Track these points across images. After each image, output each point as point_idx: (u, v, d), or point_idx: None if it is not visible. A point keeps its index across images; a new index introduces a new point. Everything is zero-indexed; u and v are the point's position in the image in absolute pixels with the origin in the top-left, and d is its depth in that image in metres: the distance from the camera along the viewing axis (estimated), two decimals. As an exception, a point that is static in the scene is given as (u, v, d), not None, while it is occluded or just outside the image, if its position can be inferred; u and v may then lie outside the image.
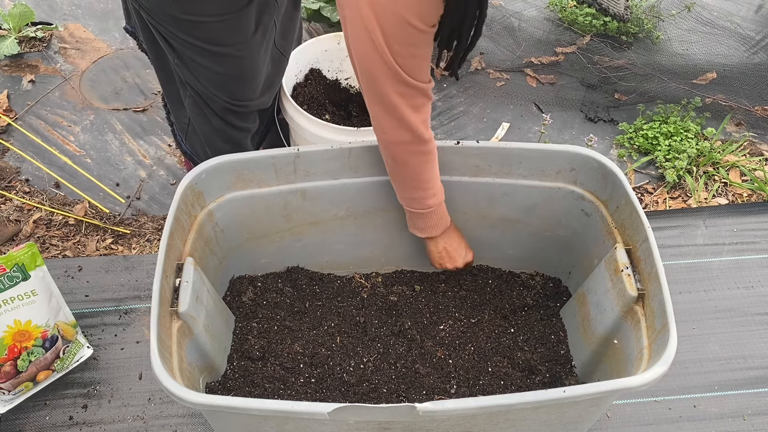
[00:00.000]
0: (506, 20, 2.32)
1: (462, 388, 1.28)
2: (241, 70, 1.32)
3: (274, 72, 1.45)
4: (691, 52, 2.21)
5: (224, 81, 1.32)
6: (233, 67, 1.31)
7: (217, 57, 1.27)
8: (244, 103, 1.39)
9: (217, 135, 1.45)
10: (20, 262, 1.25)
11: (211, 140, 1.46)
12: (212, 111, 1.40)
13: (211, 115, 1.41)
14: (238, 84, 1.35)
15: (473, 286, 1.48)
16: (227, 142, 1.46)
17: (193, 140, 1.50)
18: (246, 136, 1.48)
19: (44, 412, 1.35)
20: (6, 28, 2.17)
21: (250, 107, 1.41)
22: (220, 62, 1.28)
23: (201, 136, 1.47)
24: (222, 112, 1.40)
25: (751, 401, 1.42)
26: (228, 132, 1.45)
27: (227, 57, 1.28)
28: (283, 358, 1.31)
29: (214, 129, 1.44)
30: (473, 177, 1.33)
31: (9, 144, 1.87)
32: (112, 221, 1.72)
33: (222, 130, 1.44)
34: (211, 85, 1.33)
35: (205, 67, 1.29)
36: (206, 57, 1.27)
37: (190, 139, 1.51)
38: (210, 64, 1.29)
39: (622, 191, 1.21)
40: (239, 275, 1.45)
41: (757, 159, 1.95)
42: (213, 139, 1.46)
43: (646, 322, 1.11)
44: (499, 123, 2.05)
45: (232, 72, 1.32)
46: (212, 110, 1.40)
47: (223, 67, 1.30)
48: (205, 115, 1.41)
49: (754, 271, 1.65)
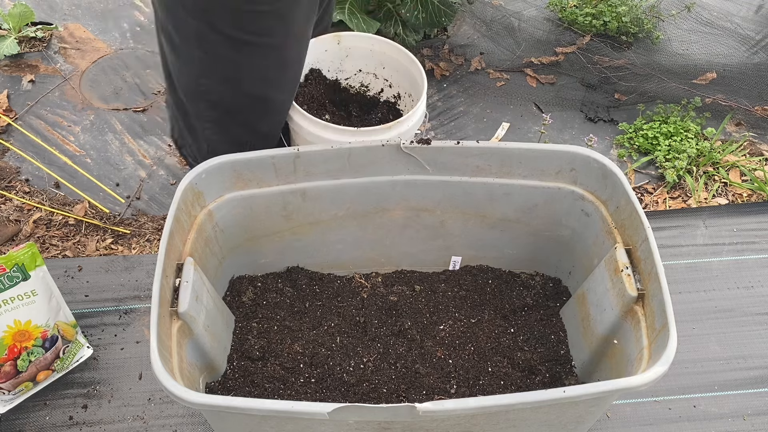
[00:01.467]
0: (506, 20, 2.32)
1: (462, 388, 1.28)
2: (284, 60, 1.33)
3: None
4: (691, 52, 2.21)
5: (265, 74, 1.32)
6: (276, 58, 1.31)
7: (260, 50, 1.28)
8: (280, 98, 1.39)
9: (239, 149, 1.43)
10: (20, 262, 1.25)
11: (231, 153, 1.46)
12: (238, 129, 1.39)
13: (237, 132, 1.40)
14: (278, 77, 1.35)
15: (473, 286, 1.48)
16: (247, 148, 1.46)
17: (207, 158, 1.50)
18: (269, 142, 1.47)
19: (44, 412, 1.35)
20: (6, 28, 2.17)
21: (279, 104, 1.41)
22: (262, 54, 1.29)
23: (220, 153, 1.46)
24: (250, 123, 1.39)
25: (751, 401, 1.42)
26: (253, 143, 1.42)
27: (271, 47, 1.29)
28: (283, 358, 1.31)
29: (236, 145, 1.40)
30: (473, 177, 1.33)
31: (9, 144, 1.87)
32: (112, 221, 1.72)
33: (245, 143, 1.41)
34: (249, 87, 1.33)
35: (245, 66, 1.29)
36: (248, 53, 1.27)
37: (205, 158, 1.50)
38: (252, 61, 1.29)
39: (622, 191, 1.22)
40: (239, 275, 1.45)
41: (757, 159, 1.95)
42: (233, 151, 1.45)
43: (646, 322, 1.11)
44: (499, 123, 2.05)
45: (274, 63, 1.32)
46: (238, 127, 1.39)
47: (265, 59, 1.30)
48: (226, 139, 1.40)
49: (754, 271, 1.65)
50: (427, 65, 2.20)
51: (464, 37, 2.31)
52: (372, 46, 1.65)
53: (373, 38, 1.64)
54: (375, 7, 2.16)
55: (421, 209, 1.39)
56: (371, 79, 1.71)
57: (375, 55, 1.66)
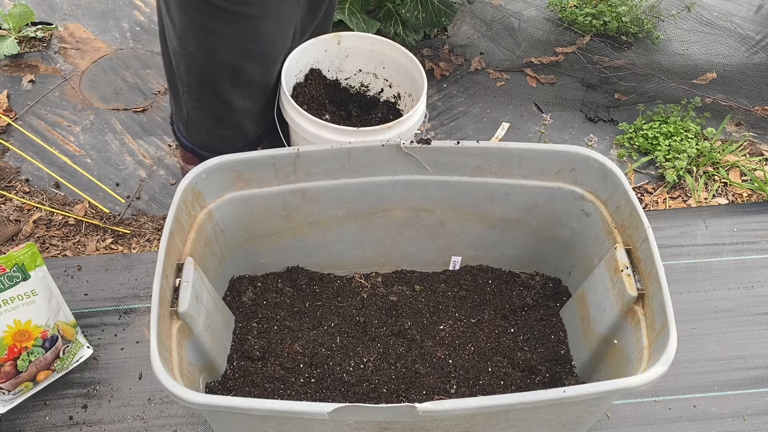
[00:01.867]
0: (506, 20, 2.32)
1: (462, 388, 1.28)
2: (257, 33, 1.34)
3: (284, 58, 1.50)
4: (691, 52, 2.21)
5: (238, 44, 1.34)
6: (250, 29, 1.33)
7: (235, 18, 1.29)
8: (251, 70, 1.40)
9: (217, 123, 1.47)
10: (20, 262, 1.25)
11: (212, 129, 1.49)
12: (211, 98, 1.42)
13: (210, 102, 1.42)
14: (251, 48, 1.36)
15: (473, 286, 1.48)
16: (226, 127, 1.48)
17: (193, 133, 1.52)
18: (245, 118, 1.50)
19: (44, 412, 1.35)
20: (6, 28, 2.17)
21: (250, 76, 1.42)
22: (237, 23, 1.31)
23: (201, 128, 1.49)
24: (222, 94, 1.41)
25: (751, 401, 1.42)
26: (228, 117, 1.47)
27: (246, 18, 1.30)
28: (283, 358, 1.31)
29: (213, 117, 1.46)
30: (473, 177, 1.33)
31: (9, 144, 1.87)
32: (112, 221, 1.72)
33: (221, 117, 1.46)
34: (223, 54, 1.35)
35: (219, 34, 1.31)
36: (223, 21, 1.29)
37: (191, 132, 1.53)
38: (225, 29, 1.31)
39: (622, 191, 1.22)
40: (239, 275, 1.45)
41: (757, 159, 1.95)
42: (213, 128, 1.48)
43: (646, 322, 1.11)
44: (499, 123, 2.05)
45: (248, 35, 1.34)
46: (211, 96, 1.41)
47: (239, 29, 1.32)
48: (202, 107, 1.43)
49: (754, 271, 1.65)
50: (427, 65, 2.20)
51: (464, 37, 2.31)
52: (372, 46, 1.65)
53: (373, 38, 1.64)
54: (375, 7, 2.16)
55: (421, 209, 1.39)
56: (371, 79, 1.71)
57: (375, 55, 1.66)
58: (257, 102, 1.50)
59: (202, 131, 1.51)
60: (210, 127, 1.49)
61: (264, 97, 1.51)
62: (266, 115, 1.56)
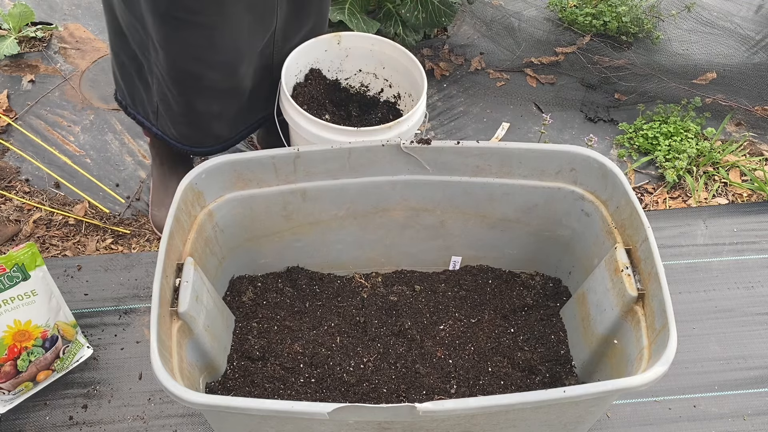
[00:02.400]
0: (506, 20, 2.32)
1: (462, 388, 1.28)
2: (214, 42, 1.33)
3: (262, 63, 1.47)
4: (691, 52, 2.21)
5: (195, 53, 1.33)
6: (206, 38, 1.32)
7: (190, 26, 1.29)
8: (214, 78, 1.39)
9: (181, 119, 1.46)
10: (20, 262, 1.25)
11: (177, 125, 1.48)
12: (177, 98, 1.41)
13: (176, 102, 1.42)
14: (210, 57, 1.35)
15: (473, 286, 1.48)
16: (191, 127, 1.47)
17: (162, 122, 1.51)
18: (212, 121, 1.49)
19: (44, 412, 1.35)
20: (6, 28, 2.17)
21: (214, 83, 1.41)
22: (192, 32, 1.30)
23: (168, 120, 1.48)
24: (187, 96, 1.41)
25: (751, 401, 1.42)
26: (193, 119, 1.46)
27: (201, 26, 1.29)
28: (283, 358, 1.31)
29: (176, 113, 1.45)
30: (473, 177, 1.33)
31: (9, 144, 1.87)
32: (112, 221, 1.72)
33: (184, 114, 1.45)
34: (182, 61, 1.34)
35: (177, 41, 1.30)
36: (179, 29, 1.28)
37: (160, 122, 1.51)
38: (182, 36, 1.30)
39: (622, 191, 1.22)
40: (239, 275, 1.45)
41: (757, 159, 1.95)
42: (178, 124, 1.48)
43: (646, 322, 1.11)
44: (499, 123, 2.05)
45: (204, 43, 1.32)
46: (177, 97, 1.41)
47: (195, 37, 1.31)
48: (168, 100, 1.43)
49: (754, 271, 1.65)
50: (427, 65, 2.20)
51: (464, 37, 2.31)
52: (372, 46, 1.65)
53: (373, 38, 1.64)
54: (375, 7, 2.16)
55: (421, 209, 1.39)
56: (371, 79, 1.71)
57: (375, 55, 1.66)
58: (228, 107, 1.48)
59: (170, 125, 1.50)
60: (177, 123, 1.48)
61: (235, 103, 1.49)
62: (243, 118, 1.54)
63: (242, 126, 1.57)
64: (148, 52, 1.39)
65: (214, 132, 1.52)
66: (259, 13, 1.37)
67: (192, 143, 1.52)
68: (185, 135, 1.50)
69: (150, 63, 1.41)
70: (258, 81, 1.51)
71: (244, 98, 1.50)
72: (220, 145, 1.56)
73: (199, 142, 1.53)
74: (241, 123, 1.56)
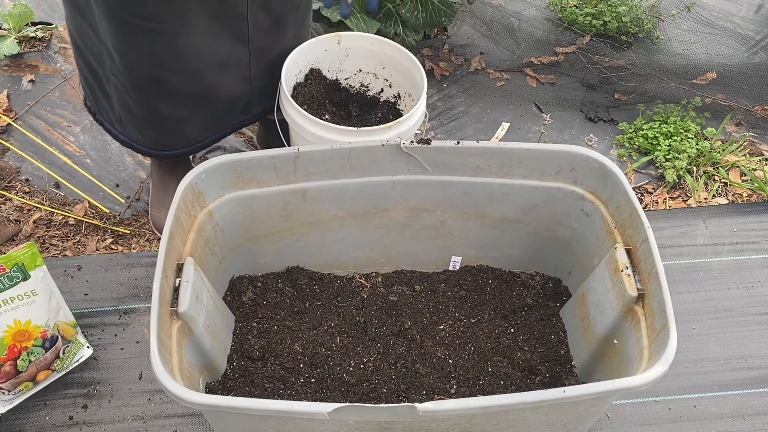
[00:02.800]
0: (506, 20, 2.32)
1: (462, 388, 1.28)
2: (175, 48, 1.32)
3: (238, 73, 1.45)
4: (691, 52, 2.21)
5: (156, 59, 1.32)
6: (167, 45, 1.30)
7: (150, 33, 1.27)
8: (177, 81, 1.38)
9: (146, 124, 1.45)
10: (20, 262, 1.25)
11: (144, 130, 1.46)
12: (139, 103, 1.40)
13: (139, 107, 1.40)
14: (172, 63, 1.34)
15: (473, 286, 1.48)
16: (158, 131, 1.46)
17: (128, 129, 1.50)
18: (182, 126, 1.47)
19: (44, 412, 1.35)
20: (6, 28, 2.17)
21: (178, 87, 1.39)
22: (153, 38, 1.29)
23: (133, 126, 1.46)
24: (150, 100, 1.39)
25: (751, 401, 1.42)
26: (159, 123, 1.44)
27: (161, 34, 1.28)
28: (283, 358, 1.31)
29: (140, 118, 1.43)
30: (473, 177, 1.33)
31: (9, 144, 1.87)
32: (112, 221, 1.72)
33: (148, 118, 1.43)
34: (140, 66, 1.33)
35: (137, 47, 1.29)
36: (138, 35, 1.27)
37: (126, 129, 1.50)
38: (142, 42, 1.28)
39: (622, 191, 1.22)
40: (239, 275, 1.45)
41: (757, 159, 1.95)
42: (145, 129, 1.46)
43: (646, 322, 1.11)
44: (499, 123, 2.05)
45: (165, 50, 1.31)
46: (139, 102, 1.39)
47: (155, 44, 1.30)
48: (131, 109, 1.41)
49: (754, 271, 1.65)
50: (427, 65, 2.20)
51: (464, 37, 2.31)
52: (372, 46, 1.65)
53: (373, 38, 1.64)
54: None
55: (421, 209, 1.39)
56: (371, 79, 1.71)
57: (375, 55, 1.66)
58: (198, 112, 1.46)
59: (135, 130, 1.48)
60: (143, 128, 1.46)
61: (206, 109, 1.46)
62: (217, 123, 1.52)
63: (216, 130, 1.55)
64: (104, 62, 1.37)
65: (185, 135, 1.49)
66: (225, 21, 1.34)
67: (160, 147, 1.50)
68: (153, 139, 1.48)
69: (106, 71, 1.39)
70: (234, 90, 1.48)
71: (217, 105, 1.47)
72: (191, 147, 1.53)
73: (167, 145, 1.50)
74: (215, 127, 1.53)
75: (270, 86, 1.54)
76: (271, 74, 1.52)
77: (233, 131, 1.59)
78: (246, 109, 1.56)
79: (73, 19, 1.38)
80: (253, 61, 1.46)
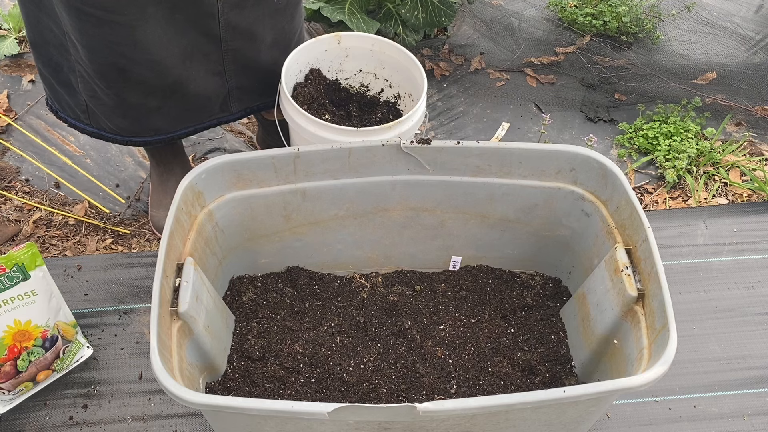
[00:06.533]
0: (506, 20, 2.32)
1: (462, 388, 1.28)
2: (136, 40, 1.30)
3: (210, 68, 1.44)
4: (691, 52, 2.21)
5: (116, 49, 1.31)
6: (127, 36, 1.29)
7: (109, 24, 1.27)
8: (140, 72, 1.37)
9: (115, 111, 1.44)
10: (20, 262, 1.25)
11: (112, 117, 1.45)
12: (105, 90, 1.39)
13: (105, 94, 1.40)
14: (133, 54, 1.33)
15: (473, 286, 1.48)
16: (125, 117, 1.44)
17: (95, 119, 1.49)
18: (149, 113, 1.45)
19: (44, 412, 1.35)
20: (6, 28, 2.17)
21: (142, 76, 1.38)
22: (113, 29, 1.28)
23: (102, 114, 1.46)
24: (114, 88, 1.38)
25: (751, 401, 1.42)
26: (127, 111, 1.43)
27: (121, 25, 1.27)
28: (283, 358, 1.31)
29: (109, 106, 1.42)
30: (473, 177, 1.33)
31: (9, 144, 1.87)
32: (112, 221, 1.72)
33: (117, 106, 1.42)
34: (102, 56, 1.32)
35: (98, 37, 1.29)
36: (98, 26, 1.27)
37: (93, 119, 1.49)
38: (103, 33, 1.28)
39: (622, 191, 1.22)
40: (239, 275, 1.45)
41: (757, 159, 1.95)
42: (113, 117, 1.45)
43: (646, 322, 1.11)
44: (499, 123, 2.05)
45: (126, 41, 1.30)
46: (104, 89, 1.39)
47: (116, 35, 1.29)
48: (98, 97, 1.40)
49: (754, 271, 1.65)
50: (427, 65, 2.20)
51: (464, 37, 2.31)
52: (372, 46, 1.65)
53: (373, 38, 1.64)
54: (375, 7, 2.16)
55: (421, 209, 1.39)
56: (371, 79, 1.71)
57: (375, 55, 1.66)
58: (168, 103, 1.44)
59: (104, 118, 1.47)
60: (110, 115, 1.45)
61: (177, 101, 1.44)
62: (191, 117, 1.50)
63: (189, 123, 1.52)
64: (67, 52, 1.36)
65: (154, 125, 1.47)
66: (192, 17, 1.33)
67: (129, 134, 1.48)
68: (121, 127, 1.47)
69: (71, 62, 1.38)
70: (206, 84, 1.46)
71: (189, 98, 1.46)
72: (161, 137, 1.51)
73: (135, 133, 1.49)
74: (188, 120, 1.51)
75: (252, 86, 1.52)
76: (251, 75, 1.50)
77: (212, 126, 1.57)
78: (224, 106, 1.53)
79: (29, 14, 1.36)
80: (227, 60, 1.44)
